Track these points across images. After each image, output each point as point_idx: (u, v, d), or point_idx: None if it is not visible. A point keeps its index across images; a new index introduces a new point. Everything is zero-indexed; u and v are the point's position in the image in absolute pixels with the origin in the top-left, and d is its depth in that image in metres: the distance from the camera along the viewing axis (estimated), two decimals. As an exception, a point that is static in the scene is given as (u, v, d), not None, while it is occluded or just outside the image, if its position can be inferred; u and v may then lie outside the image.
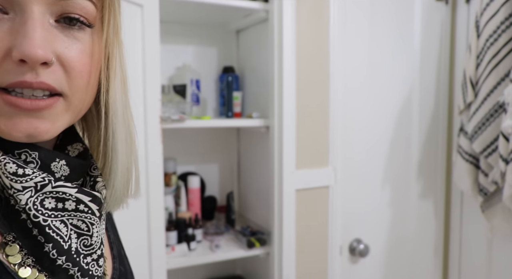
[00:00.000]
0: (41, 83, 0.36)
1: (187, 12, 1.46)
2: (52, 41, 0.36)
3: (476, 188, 1.47)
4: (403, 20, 1.58)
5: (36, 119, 0.36)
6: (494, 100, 1.35)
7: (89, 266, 0.41)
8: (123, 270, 0.51)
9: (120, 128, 0.44)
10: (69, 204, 0.40)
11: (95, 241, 0.42)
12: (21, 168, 0.38)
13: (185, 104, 1.39)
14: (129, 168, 0.45)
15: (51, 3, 0.36)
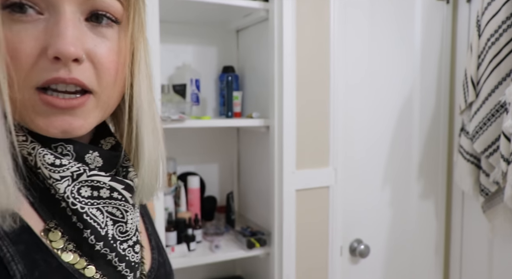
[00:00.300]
0: (73, 79, 0.38)
1: (186, 11, 1.45)
2: (83, 39, 0.38)
3: (477, 188, 1.46)
4: (404, 20, 1.57)
5: (70, 117, 0.39)
6: (495, 100, 1.34)
7: (125, 252, 0.43)
8: (161, 260, 0.53)
9: (145, 121, 0.45)
10: (104, 192, 0.42)
11: (130, 228, 0.44)
12: (58, 159, 0.40)
13: (184, 104, 1.38)
14: (156, 160, 0.47)
15: (81, 2, 0.38)
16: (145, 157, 0.46)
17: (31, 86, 0.38)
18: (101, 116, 0.43)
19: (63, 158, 0.40)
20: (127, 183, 0.44)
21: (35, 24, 0.37)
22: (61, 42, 0.36)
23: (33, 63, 0.37)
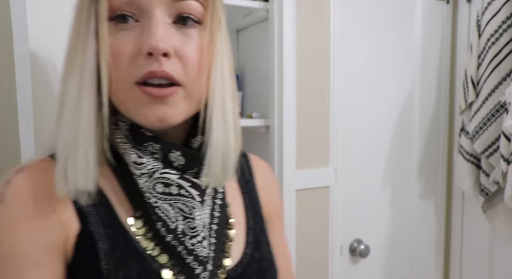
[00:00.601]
0: (163, 72, 0.44)
1: (187, 11, 1.45)
2: (171, 38, 0.45)
3: (478, 188, 1.46)
4: (404, 20, 1.57)
5: (163, 106, 0.45)
6: (495, 100, 1.34)
7: (194, 247, 0.48)
8: (257, 256, 0.54)
9: (216, 113, 0.48)
10: (173, 189, 0.47)
11: (197, 224, 0.48)
12: (140, 158, 0.47)
13: (185, 103, 1.38)
14: (223, 152, 0.49)
15: (169, 6, 0.45)
16: (212, 147, 0.49)
17: (132, 82, 0.45)
18: (190, 108, 0.48)
19: (144, 157, 0.47)
20: (194, 182, 0.48)
21: (133, 30, 0.45)
22: (152, 39, 0.43)
23: (132, 62, 0.44)
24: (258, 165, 0.62)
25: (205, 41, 0.47)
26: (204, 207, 0.49)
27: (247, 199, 0.57)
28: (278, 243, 0.60)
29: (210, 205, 0.51)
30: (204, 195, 0.50)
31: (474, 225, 1.61)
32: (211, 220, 0.50)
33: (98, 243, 0.46)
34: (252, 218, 0.57)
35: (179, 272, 0.48)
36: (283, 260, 0.60)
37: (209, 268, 0.49)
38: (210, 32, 0.48)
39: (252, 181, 0.60)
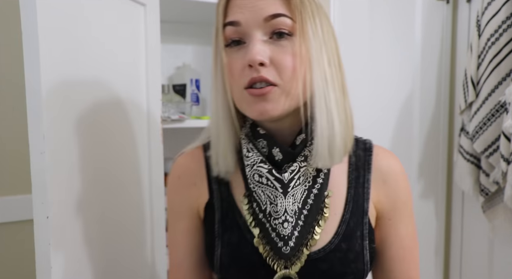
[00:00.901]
0: (261, 77, 0.56)
1: (186, 11, 1.45)
2: (266, 51, 0.56)
3: (478, 188, 1.46)
4: (404, 20, 1.57)
5: (264, 102, 0.57)
6: (495, 99, 1.34)
7: (276, 226, 0.59)
8: (344, 247, 0.61)
9: (319, 105, 0.58)
10: (263, 180, 0.60)
11: (279, 209, 0.59)
12: (248, 151, 0.62)
13: (184, 104, 1.38)
14: (330, 138, 0.58)
15: (263, 27, 0.57)
16: (317, 135, 0.58)
17: (242, 88, 0.58)
18: (287, 103, 0.58)
19: (251, 152, 0.61)
20: (277, 177, 0.59)
21: (241, 51, 0.58)
22: (251, 54, 0.55)
23: (241, 74, 0.58)
24: (380, 161, 0.65)
25: (297, 48, 0.57)
26: (287, 197, 0.59)
27: (351, 193, 0.63)
28: (393, 237, 0.64)
29: (299, 195, 0.60)
30: (288, 188, 0.59)
31: (474, 225, 1.61)
32: (302, 206, 0.60)
33: (216, 212, 0.65)
34: (350, 212, 0.63)
35: (266, 243, 0.60)
36: (398, 252, 0.64)
37: (291, 245, 0.59)
38: (301, 40, 0.57)
39: (366, 176, 0.64)
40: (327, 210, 0.62)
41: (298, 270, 0.60)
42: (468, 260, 1.65)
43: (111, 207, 0.89)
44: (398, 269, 0.65)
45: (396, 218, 0.65)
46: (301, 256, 0.60)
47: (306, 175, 0.61)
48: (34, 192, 0.69)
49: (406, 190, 0.66)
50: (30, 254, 0.72)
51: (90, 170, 0.83)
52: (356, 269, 0.60)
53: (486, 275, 1.56)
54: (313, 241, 0.60)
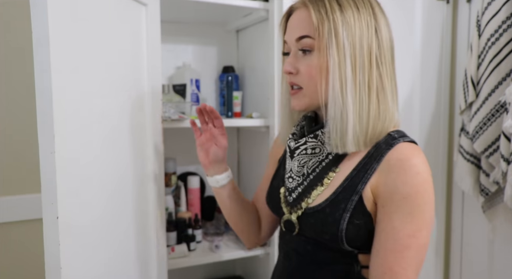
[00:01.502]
0: (291, 82, 0.77)
1: (187, 11, 1.45)
2: (296, 63, 0.76)
3: (478, 188, 1.46)
4: (404, 20, 1.57)
5: (294, 100, 0.78)
6: (495, 99, 1.34)
7: (286, 180, 0.82)
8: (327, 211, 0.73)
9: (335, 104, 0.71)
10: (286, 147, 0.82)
11: (287, 168, 0.81)
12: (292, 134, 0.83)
13: (184, 104, 1.38)
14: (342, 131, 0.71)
15: (296, 45, 0.75)
16: (330, 125, 0.72)
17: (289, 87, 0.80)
18: (309, 101, 0.76)
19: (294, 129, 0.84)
20: (288, 144, 0.80)
21: None
22: (285, 65, 0.77)
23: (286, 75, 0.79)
24: (392, 155, 0.71)
25: (315, 61, 0.73)
26: (293, 160, 0.79)
27: (353, 174, 0.73)
28: (385, 224, 0.68)
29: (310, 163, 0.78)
30: (294, 154, 0.79)
31: (474, 225, 1.61)
32: (311, 172, 0.78)
33: (278, 164, 0.92)
34: (343, 187, 0.73)
35: (284, 191, 0.83)
36: (388, 241, 0.67)
37: (293, 197, 0.79)
38: (320, 54, 0.72)
39: (373, 164, 0.71)
40: (326, 181, 0.75)
41: (296, 218, 0.78)
42: (468, 261, 1.65)
43: (115, 207, 0.90)
44: (381, 257, 0.68)
45: (391, 208, 0.68)
46: (300, 208, 0.78)
47: (320, 150, 0.77)
48: (44, 193, 0.68)
49: (411, 187, 0.67)
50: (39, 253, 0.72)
51: (96, 170, 0.83)
52: (331, 231, 0.71)
53: (486, 276, 1.56)
54: (310, 199, 0.76)
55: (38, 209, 0.70)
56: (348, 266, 0.73)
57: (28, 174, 1.37)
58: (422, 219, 0.67)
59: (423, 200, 0.67)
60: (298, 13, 0.75)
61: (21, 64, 1.35)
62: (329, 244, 0.74)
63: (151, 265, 1.07)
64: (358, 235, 0.70)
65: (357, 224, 0.70)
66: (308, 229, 0.76)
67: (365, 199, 0.70)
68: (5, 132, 1.35)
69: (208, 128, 0.94)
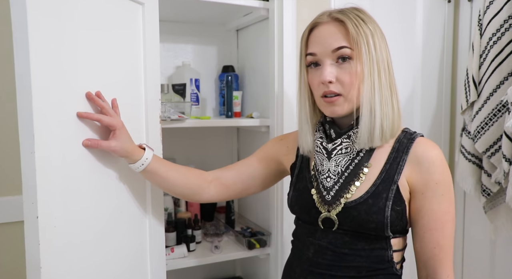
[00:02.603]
0: (330, 91, 0.82)
1: (186, 10, 1.44)
2: (333, 72, 0.82)
3: (479, 189, 1.45)
4: (405, 19, 1.56)
5: (333, 106, 0.83)
6: (497, 99, 1.33)
7: (322, 180, 0.87)
8: (370, 202, 0.81)
9: (366, 107, 0.81)
10: (318, 148, 0.88)
11: (324, 168, 0.87)
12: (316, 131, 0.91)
13: (184, 103, 1.37)
14: (370, 130, 0.81)
15: (332, 56, 0.82)
16: (361, 126, 0.82)
17: (319, 96, 0.85)
18: (348, 106, 0.83)
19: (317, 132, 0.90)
20: (324, 146, 0.87)
21: (318, 70, 0.84)
22: (323, 76, 0.82)
23: (318, 87, 0.84)
24: (417, 147, 0.83)
25: (354, 68, 0.81)
26: (330, 161, 0.86)
27: (387, 167, 0.83)
28: (426, 208, 0.81)
29: (343, 162, 0.85)
30: (331, 155, 0.86)
31: (475, 225, 1.60)
32: (345, 170, 0.85)
33: (296, 169, 0.96)
34: (381, 179, 0.83)
35: (317, 192, 0.87)
36: (429, 222, 0.81)
37: (331, 194, 0.85)
38: (358, 62, 0.81)
39: (403, 157, 0.83)
40: (362, 175, 0.84)
41: (336, 214, 0.84)
42: (470, 261, 1.64)
43: (110, 207, 0.89)
44: (429, 237, 0.82)
45: (428, 194, 0.81)
46: (339, 204, 0.84)
47: (351, 149, 0.85)
48: (25, 192, 0.68)
49: (439, 174, 0.81)
50: None
51: (86, 169, 0.82)
52: (377, 219, 0.80)
53: (488, 276, 1.55)
54: (349, 194, 0.83)
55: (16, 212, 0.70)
56: (383, 251, 0.83)
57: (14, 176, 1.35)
58: (451, 197, 0.83)
59: (449, 182, 0.83)
60: (327, 27, 0.84)
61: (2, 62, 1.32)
62: (372, 233, 0.82)
63: (150, 266, 1.06)
64: (399, 220, 0.82)
65: (398, 210, 0.81)
66: (350, 221, 0.83)
67: (401, 188, 0.82)
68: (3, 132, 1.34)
69: None
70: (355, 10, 0.85)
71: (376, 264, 0.83)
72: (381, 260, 0.83)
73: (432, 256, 0.83)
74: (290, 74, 1.34)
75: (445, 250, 0.83)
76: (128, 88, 0.97)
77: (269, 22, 1.37)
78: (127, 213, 0.96)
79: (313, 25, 0.86)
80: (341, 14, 0.83)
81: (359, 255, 0.83)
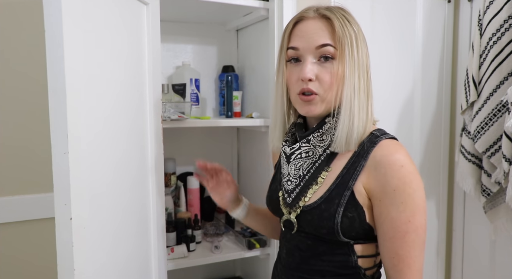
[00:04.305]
0: (308, 89, 0.79)
1: (186, 10, 1.44)
2: (314, 70, 0.79)
3: (479, 189, 1.45)
4: (405, 19, 1.56)
5: (309, 105, 0.80)
6: (497, 99, 1.33)
7: (284, 183, 0.87)
8: (323, 207, 0.79)
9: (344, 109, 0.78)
10: (281, 153, 0.88)
11: (284, 172, 0.87)
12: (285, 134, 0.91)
13: (184, 103, 1.37)
14: (348, 134, 0.78)
15: (314, 53, 0.79)
16: (339, 127, 0.79)
17: (296, 93, 0.81)
18: (324, 106, 0.80)
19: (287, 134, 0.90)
20: (284, 152, 0.87)
21: (298, 66, 0.81)
22: (303, 72, 0.79)
23: (296, 83, 0.81)
24: (377, 152, 0.78)
25: (335, 68, 0.78)
26: (289, 165, 0.86)
27: (343, 172, 0.80)
28: (384, 216, 0.76)
29: (305, 165, 0.84)
30: (290, 159, 0.85)
31: (475, 225, 1.60)
32: (306, 173, 0.84)
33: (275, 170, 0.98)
34: (336, 185, 0.80)
35: (282, 194, 0.88)
36: (388, 231, 0.76)
37: (292, 197, 0.85)
38: (340, 63, 0.78)
39: (361, 162, 0.78)
40: (320, 180, 0.82)
41: (295, 216, 0.84)
42: (470, 261, 1.64)
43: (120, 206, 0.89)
44: (388, 246, 0.77)
45: (386, 201, 0.75)
46: (298, 207, 0.83)
47: (313, 153, 0.84)
48: (57, 193, 0.67)
49: (398, 180, 0.74)
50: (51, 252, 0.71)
51: (107, 171, 0.82)
52: (327, 225, 0.78)
53: (488, 276, 1.55)
54: (306, 198, 0.82)
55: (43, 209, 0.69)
56: (345, 256, 0.80)
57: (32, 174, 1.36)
58: (413, 205, 0.75)
59: (411, 189, 0.74)
60: (313, 23, 0.80)
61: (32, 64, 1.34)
62: (327, 237, 0.80)
63: (151, 266, 1.06)
64: (352, 226, 0.78)
65: (350, 216, 0.77)
66: (307, 225, 0.82)
67: (356, 194, 0.78)
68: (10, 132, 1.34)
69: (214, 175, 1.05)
70: (341, 9, 0.83)
71: (340, 269, 0.80)
72: (345, 266, 0.80)
73: (392, 266, 0.77)
74: (290, 74, 1.33)
75: (405, 261, 0.75)
76: (134, 87, 0.97)
77: (269, 22, 1.37)
78: (138, 215, 0.97)
79: (298, 19, 0.82)
80: (329, 12, 0.80)
81: (321, 259, 0.82)
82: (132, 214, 0.96)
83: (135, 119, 0.96)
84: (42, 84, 1.33)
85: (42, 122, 1.35)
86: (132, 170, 0.95)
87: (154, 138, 1.05)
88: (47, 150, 0.67)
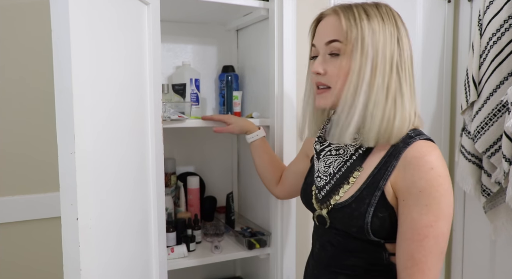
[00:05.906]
0: (319, 82, 0.85)
1: (186, 10, 1.44)
2: (324, 64, 0.84)
3: (479, 189, 1.45)
4: (405, 19, 1.55)
5: (319, 99, 0.86)
6: (497, 99, 1.33)
7: (315, 180, 0.91)
8: (354, 206, 0.80)
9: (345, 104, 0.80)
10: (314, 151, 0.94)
11: (316, 168, 0.91)
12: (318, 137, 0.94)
13: (184, 103, 1.37)
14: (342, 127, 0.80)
15: (325, 48, 0.83)
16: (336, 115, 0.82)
17: (314, 86, 0.88)
18: (335, 100, 0.83)
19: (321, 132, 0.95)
20: (315, 147, 0.92)
21: (314, 62, 0.86)
22: (313, 66, 0.85)
23: (312, 77, 0.88)
24: (409, 152, 0.76)
25: (343, 63, 0.80)
26: (319, 161, 0.90)
27: (375, 172, 0.80)
28: (405, 215, 0.75)
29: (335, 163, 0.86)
30: (320, 155, 0.89)
31: (475, 225, 1.60)
32: (337, 172, 0.85)
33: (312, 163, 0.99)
34: (366, 184, 0.80)
35: (315, 189, 0.90)
36: (407, 231, 0.74)
37: (323, 194, 0.87)
38: (347, 58, 0.80)
39: (393, 162, 0.78)
40: (352, 179, 0.83)
41: (326, 213, 0.86)
42: (470, 261, 1.64)
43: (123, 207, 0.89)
44: (404, 247, 0.75)
45: (409, 201, 0.74)
46: (329, 204, 0.85)
47: (344, 151, 0.85)
48: (63, 193, 0.67)
49: (425, 181, 0.72)
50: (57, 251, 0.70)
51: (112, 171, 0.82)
52: (357, 224, 0.78)
53: (488, 276, 1.55)
54: (338, 196, 0.84)
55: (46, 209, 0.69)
56: (377, 253, 0.80)
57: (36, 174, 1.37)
58: (438, 210, 0.72)
59: (438, 193, 0.72)
60: (328, 20, 0.84)
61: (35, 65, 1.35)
62: (357, 236, 0.80)
63: (151, 266, 1.06)
64: (382, 226, 0.77)
65: (381, 216, 0.77)
66: (338, 222, 0.84)
67: (387, 194, 0.77)
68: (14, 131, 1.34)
69: None
70: (368, 5, 0.83)
71: (372, 266, 0.81)
72: (378, 263, 0.80)
73: (404, 268, 0.75)
74: (290, 74, 1.33)
75: (419, 265, 0.73)
76: (134, 87, 0.97)
77: (269, 22, 1.36)
78: (139, 215, 0.97)
79: (319, 17, 0.88)
80: (342, 8, 0.82)
81: (353, 255, 0.82)
82: (134, 214, 0.96)
83: (135, 119, 0.96)
84: (47, 83, 1.33)
85: (46, 121, 1.35)
86: (133, 170, 0.95)
87: (154, 138, 1.05)
88: (51, 149, 0.67)
